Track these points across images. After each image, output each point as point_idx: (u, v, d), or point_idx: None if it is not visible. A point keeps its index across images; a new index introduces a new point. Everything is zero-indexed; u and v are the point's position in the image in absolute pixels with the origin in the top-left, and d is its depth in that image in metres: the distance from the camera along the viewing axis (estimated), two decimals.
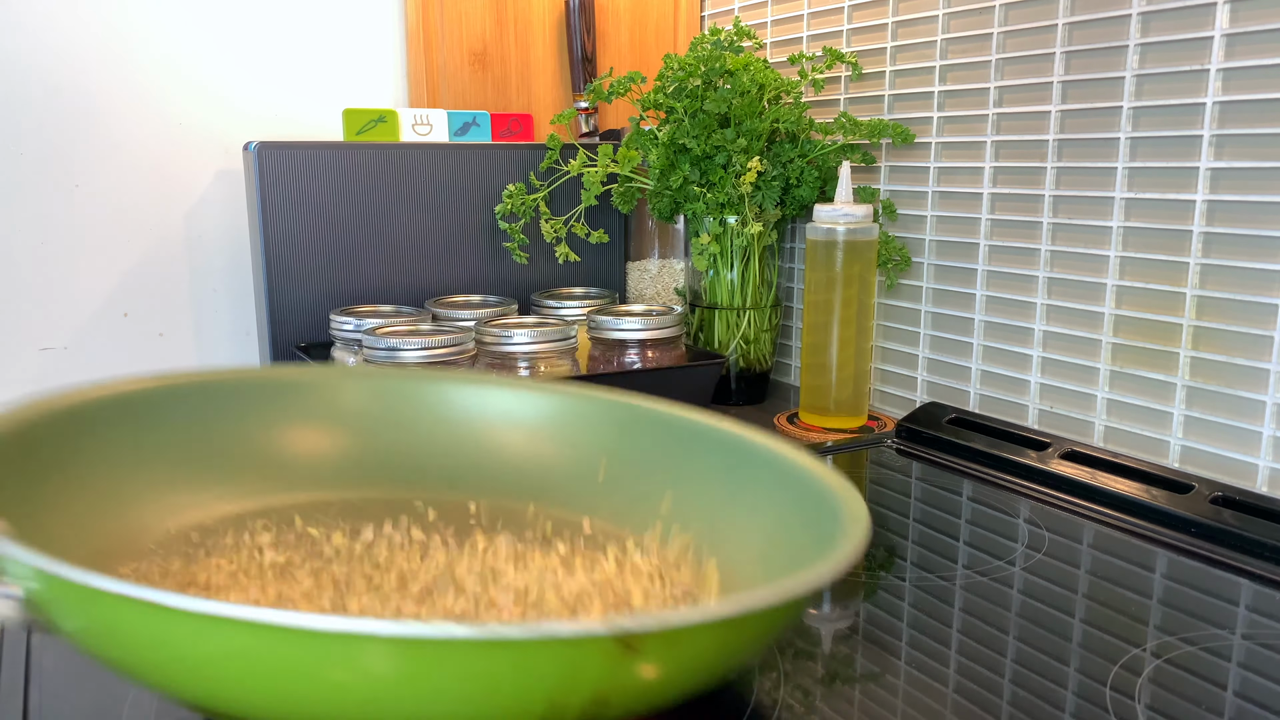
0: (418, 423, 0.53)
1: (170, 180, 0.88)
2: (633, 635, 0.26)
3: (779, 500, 0.43)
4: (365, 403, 0.53)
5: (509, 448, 0.53)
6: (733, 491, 0.46)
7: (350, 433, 0.52)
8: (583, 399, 0.53)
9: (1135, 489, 0.60)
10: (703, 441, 0.49)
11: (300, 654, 0.26)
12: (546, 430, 0.53)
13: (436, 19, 0.95)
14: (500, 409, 0.54)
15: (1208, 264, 0.61)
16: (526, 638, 0.25)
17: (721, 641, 0.30)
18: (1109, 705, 0.39)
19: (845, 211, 0.74)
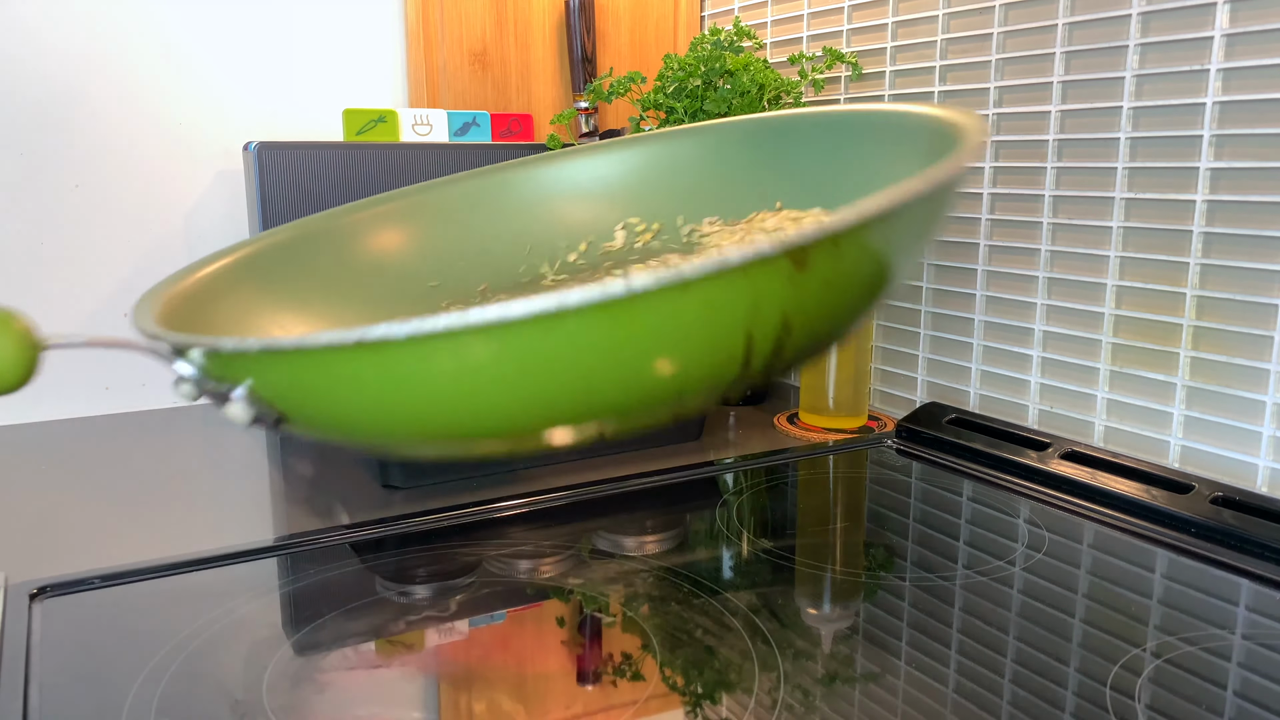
0: (520, 209, 0.57)
1: (170, 180, 0.88)
2: (799, 248, 0.27)
3: (894, 152, 0.44)
4: (458, 202, 0.57)
5: (603, 203, 0.56)
6: (844, 166, 0.48)
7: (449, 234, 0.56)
8: (661, 140, 0.56)
9: (1135, 489, 0.60)
10: (797, 134, 0.51)
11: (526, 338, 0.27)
12: (637, 178, 0.57)
13: (436, 19, 0.95)
14: (584, 177, 0.57)
15: (1208, 264, 0.61)
16: (701, 273, 0.26)
17: (883, 239, 0.31)
18: (1109, 705, 0.39)
19: None
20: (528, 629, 0.47)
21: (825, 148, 0.49)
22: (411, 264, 0.54)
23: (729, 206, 0.53)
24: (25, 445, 0.77)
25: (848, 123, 0.48)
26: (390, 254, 0.54)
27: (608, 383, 0.28)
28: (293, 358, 0.29)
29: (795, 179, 0.50)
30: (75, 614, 0.47)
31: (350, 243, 0.53)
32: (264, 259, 0.49)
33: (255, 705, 0.39)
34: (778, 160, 0.52)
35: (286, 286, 0.48)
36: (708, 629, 0.46)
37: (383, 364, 0.28)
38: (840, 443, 0.75)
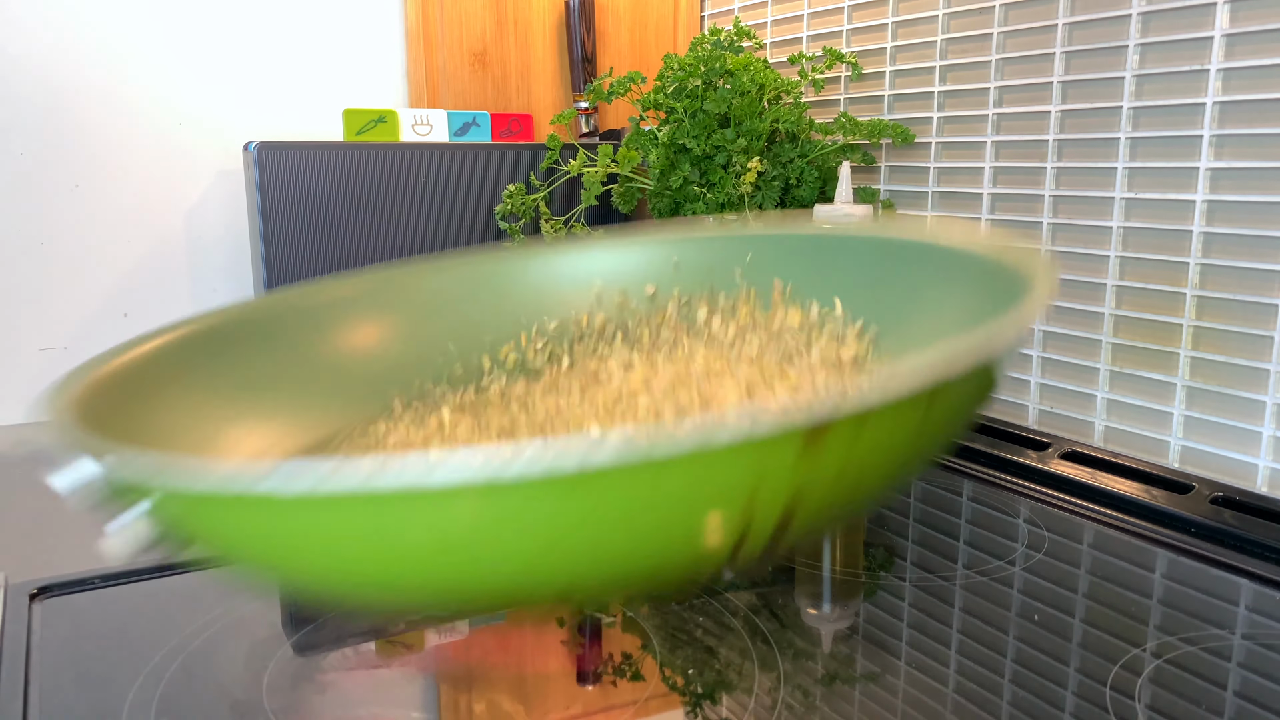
0: (510, 294, 0.51)
1: (170, 180, 0.88)
2: (815, 426, 0.22)
3: (946, 288, 0.39)
4: (448, 290, 0.51)
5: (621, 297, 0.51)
6: (902, 292, 0.42)
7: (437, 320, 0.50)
8: (695, 243, 0.50)
9: (1135, 489, 0.60)
10: (851, 253, 0.45)
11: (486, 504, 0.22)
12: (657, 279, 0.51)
13: (436, 19, 0.95)
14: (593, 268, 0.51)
15: (1208, 264, 0.61)
16: (703, 445, 0.21)
17: (913, 420, 0.25)
18: (1109, 705, 0.39)
19: (845, 212, 0.74)
20: (528, 629, 0.47)
21: (876, 269, 0.43)
22: (374, 354, 0.49)
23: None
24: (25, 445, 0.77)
25: (906, 251, 0.42)
26: (353, 344, 0.49)
27: (554, 563, 0.23)
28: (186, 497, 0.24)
29: (852, 293, 0.44)
30: (75, 614, 0.47)
31: (308, 327, 0.48)
32: (210, 339, 0.44)
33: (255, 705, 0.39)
34: (821, 272, 0.45)
35: (233, 373, 0.43)
36: (708, 629, 0.46)
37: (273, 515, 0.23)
38: None
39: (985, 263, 0.38)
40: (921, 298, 0.41)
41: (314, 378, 0.46)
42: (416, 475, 0.21)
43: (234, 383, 0.43)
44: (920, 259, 0.42)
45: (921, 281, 0.41)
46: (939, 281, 0.40)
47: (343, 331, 0.49)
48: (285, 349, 0.46)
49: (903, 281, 0.42)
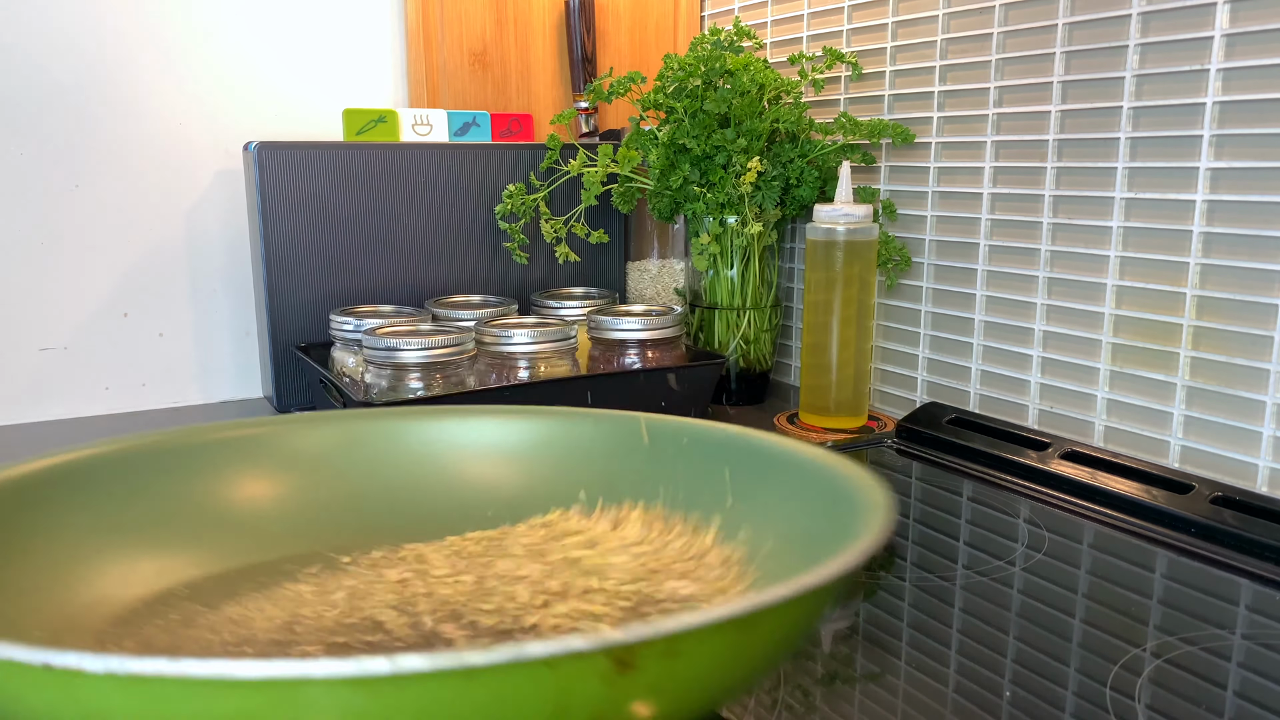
0: (384, 465, 0.50)
1: (170, 180, 0.88)
2: (624, 648, 0.23)
3: (790, 498, 0.41)
4: (324, 448, 0.50)
5: (486, 478, 0.50)
6: (747, 494, 0.44)
7: (307, 483, 0.49)
8: (565, 420, 0.51)
9: (1135, 489, 0.60)
10: (707, 448, 0.47)
11: (255, 706, 0.23)
12: (535, 455, 0.50)
13: (436, 19, 0.95)
14: (472, 440, 0.51)
15: (1208, 264, 0.61)
16: (500, 663, 0.22)
17: (731, 646, 0.26)
18: (1109, 705, 0.39)
19: (845, 211, 0.74)
20: None
21: (734, 469, 0.45)
22: (264, 510, 0.47)
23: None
24: (25, 445, 0.77)
25: (760, 453, 0.44)
26: (244, 496, 0.47)
27: None
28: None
29: (697, 489, 0.45)
30: None
31: (198, 471, 0.46)
32: (97, 468, 0.43)
33: None
34: (679, 468, 0.47)
35: (114, 507, 0.43)
36: None
37: (73, 694, 0.23)
38: (840, 443, 0.75)
39: (824, 477, 0.39)
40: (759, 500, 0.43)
41: (185, 522, 0.45)
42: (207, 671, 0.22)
43: (116, 516, 0.42)
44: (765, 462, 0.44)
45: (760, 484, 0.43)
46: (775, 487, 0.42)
47: (218, 482, 0.47)
48: (167, 489, 0.45)
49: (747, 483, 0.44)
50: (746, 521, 0.43)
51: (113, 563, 0.42)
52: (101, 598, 0.40)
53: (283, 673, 0.22)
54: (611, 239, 0.94)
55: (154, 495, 0.45)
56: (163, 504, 0.45)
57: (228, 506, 0.47)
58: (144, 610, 0.40)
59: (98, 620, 0.39)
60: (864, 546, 0.30)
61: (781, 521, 0.42)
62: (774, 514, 0.42)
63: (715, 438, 0.47)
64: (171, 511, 0.45)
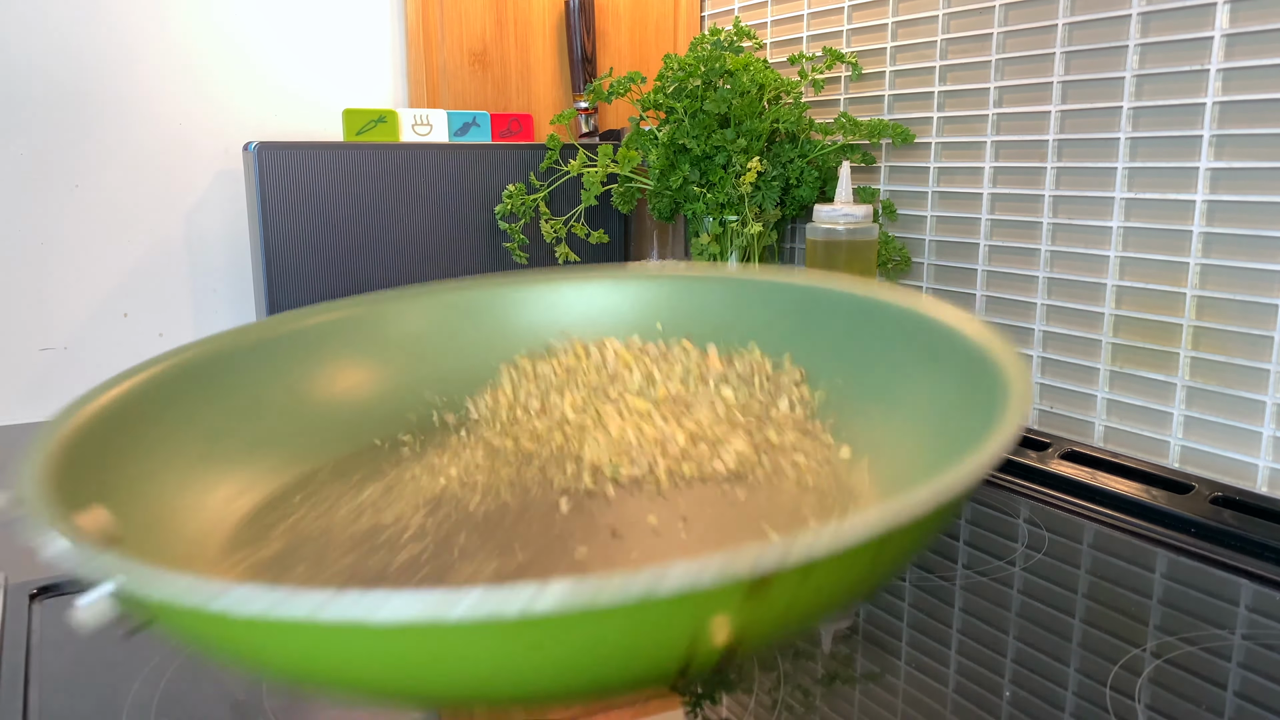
0: (482, 332, 0.50)
1: (170, 180, 0.88)
2: (759, 578, 0.23)
3: (924, 370, 0.40)
4: (427, 326, 0.50)
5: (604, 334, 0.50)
6: (868, 360, 0.43)
7: (412, 362, 0.49)
8: (680, 281, 0.50)
9: (1135, 489, 0.60)
10: (821, 306, 0.46)
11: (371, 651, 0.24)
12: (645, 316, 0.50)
13: (436, 19, 0.95)
14: (583, 304, 0.51)
15: (1208, 264, 0.61)
16: (645, 598, 0.22)
17: (864, 564, 0.26)
18: (1109, 705, 0.39)
19: (845, 212, 0.74)
20: None
21: (854, 330, 0.44)
22: (347, 398, 0.48)
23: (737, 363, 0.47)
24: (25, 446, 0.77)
25: (882, 312, 0.43)
26: (326, 386, 0.47)
27: (502, 689, 0.25)
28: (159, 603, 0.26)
29: (817, 354, 0.45)
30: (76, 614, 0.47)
31: (281, 365, 0.46)
32: (181, 378, 0.43)
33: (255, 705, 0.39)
34: (802, 325, 0.46)
35: (205, 415, 0.42)
36: None
37: (230, 631, 0.25)
38: None
39: (969, 351, 0.38)
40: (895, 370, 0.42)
41: (287, 418, 0.45)
42: (362, 612, 0.22)
43: (207, 423, 0.42)
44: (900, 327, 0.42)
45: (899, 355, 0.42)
46: (915, 358, 0.41)
47: (316, 372, 0.48)
48: (258, 387, 0.45)
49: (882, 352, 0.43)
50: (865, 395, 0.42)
51: (227, 470, 0.42)
52: (225, 507, 0.40)
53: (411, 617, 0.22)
54: (611, 239, 0.94)
55: (253, 394, 0.45)
56: (265, 401, 0.45)
57: (328, 396, 0.47)
58: (267, 514, 0.41)
59: (227, 531, 0.39)
60: (1004, 438, 0.28)
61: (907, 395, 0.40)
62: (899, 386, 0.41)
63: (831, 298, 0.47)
64: (274, 408, 0.45)
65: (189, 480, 0.39)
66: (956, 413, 0.36)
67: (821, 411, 0.44)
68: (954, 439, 0.35)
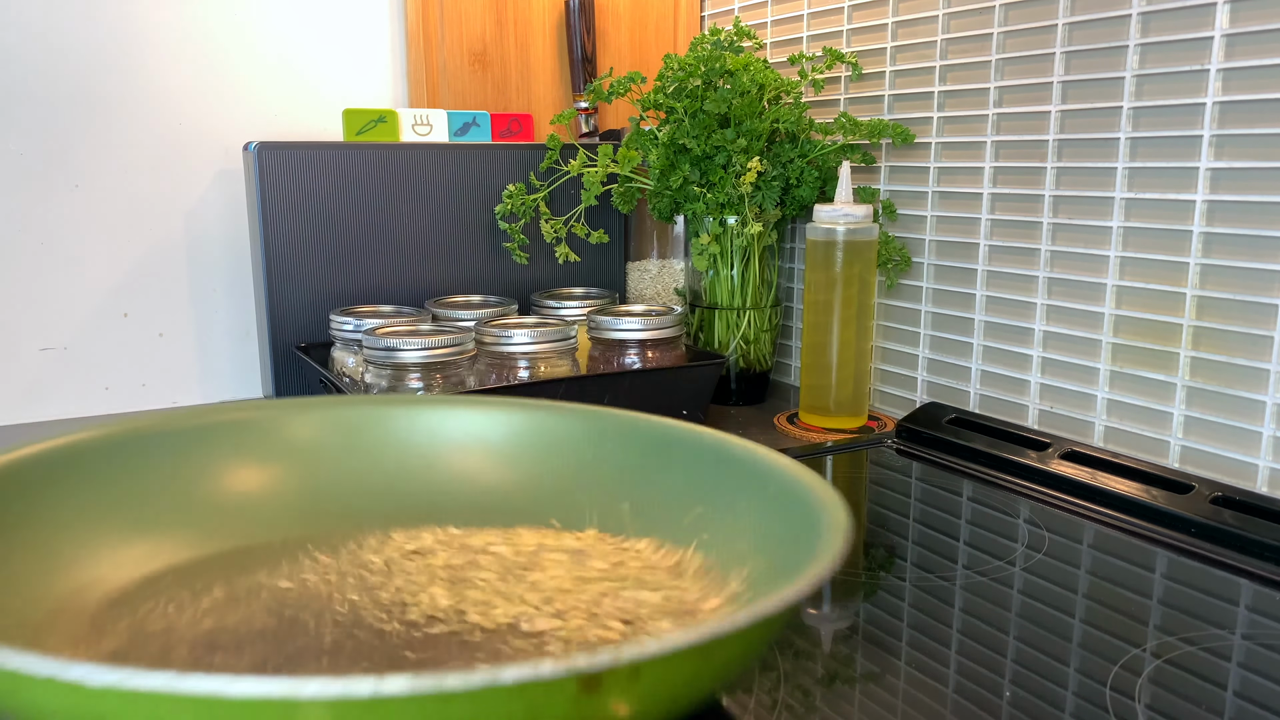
0: (370, 453, 0.51)
1: (170, 180, 0.88)
2: (592, 674, 0.25)
3: (759, 505, 0.43)
4: (314, 435, 0.51)
5: (468, 472, 0.51)
6: (713, 496, 0.45)
7: (299, 469, 0.50)
8: (543, 413, 0.52)
9: (1135, 489, 0.60)
10: (679, 448, 0.48)
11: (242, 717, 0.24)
12: (510, 450, 0.51)
13: (436, 19, 0.95)
14: (457, 431, 0.52)
15: (1208, 264, 0.61)
16: (476, 687, 0.24)
17: (690, 668, 0.28)
18: (1109, 705, 0.39)
19: (845, 212, 0.74)
20: None
21: (703, 471, 0.46)
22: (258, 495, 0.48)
23: (597, 501, 0.49)
24: None
25: (730, 456, 0.45)
26: (233, 481, 0.48)
27: None
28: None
29: (667, 491, 0.47)
30: None
31: (187, 455, 0.47)
32: (85, 453, 0.43)
33: None
34: (652, 468, 0.48)
35: (112, 492, 0.43)
36: None
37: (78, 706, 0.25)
38: (840, 443, 0.75)
39: (790, 488, 0.41)
40: (726, 505, 0.44)
41: (188, 507, 0.46)
42: (219, 686, 0.24)
43: (76, 506, 0.42)
44: (733, 465, 0.45)
45: (728, 487, 0.45)
46: (744, 492, 0.43)
47: (220, 467, 0.48)
48: (156, 473, 0.46)
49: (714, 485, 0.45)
50: (712, 530, 0.44)
51: (105, 546, 0.42)
52: (95, 580, 0.40)
53: (275, 692, 0.23)
54: (611, 239, 0.94)
55: (142, 479, 0.45)
56: (152, 487, 0.45)
57: (216, 490, 0.47)
58: (136, 593, 0.41)
59: (92, 604, 0.39)
60: (815, 575, 0.31)
61: (746, 531, 0.43)
62: (742, 523, 0.43)
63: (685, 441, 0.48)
64: (160, 495, 0.45)
65: (41, 567, 0.39)
66: (782, 539, 0.39)
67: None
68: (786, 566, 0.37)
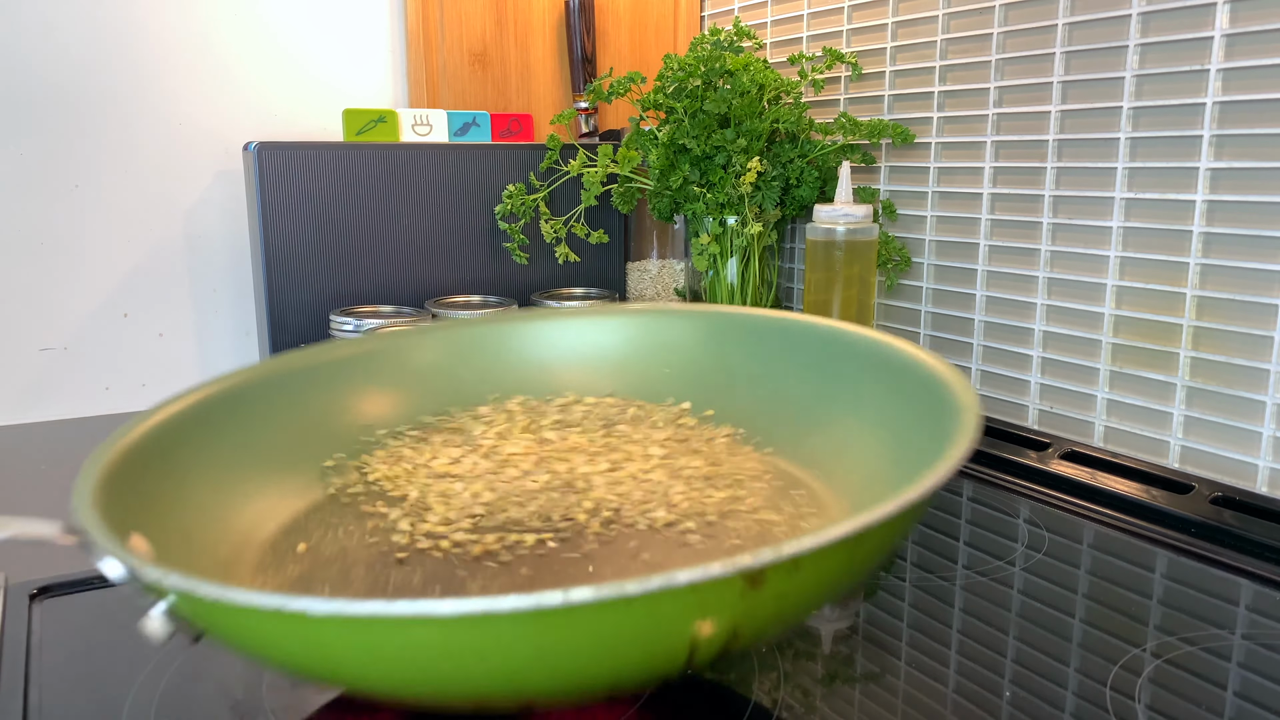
0: (488, 368, 0.56)
1: (170, 180, 0.88)
2: (756, 571, 0.27)
3: (882, 392, 0.45)
4: (435, 359, 0.55)
5: (595, 383, 0.56)
6: (832, 386, 0.49)
7: (431, 393, 0.54)
8: (658, 316, 0.56)
9: (1135, 489, 0.60)
10: (794, 339, 0.52)
11: (433, 643, 0.27)
12: (626, 351, 0.56)
13: (436, 19, 0.95)
14: (572, 339, 0.57)
15: (1208, 264, 0.61)
16: (653, 591, 0.26)
17: (843, 559, 0.30)
18: (1109, 705, 0.39)
19: (845, 212, 0.74)
20: None
21: (820, 359, 0.50)
22: (374, 417, 0.52)
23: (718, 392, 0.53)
24: (26, 445, 0.77)
25: (848, 343, 0.49)
26: (358, 407, 0.52)
27: (537, 678, 0.28)
28: (211, 605, 0.29)
29: (788, 381, 0.51)
30: (75, 614, 0.47)
31: (311, 392, 0.51)
32: (217, 406, 0.46)
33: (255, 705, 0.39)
34: (773, 358, 0.52)
35: (242, 440, 0.46)
36: None
37: (303, 633, 0.28)
38: None
39: (924, 384, 0.43)
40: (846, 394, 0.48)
41: (317, 439, 0.49)
42: (428, 609, 0.26)
43: (231, 452, 0.45)
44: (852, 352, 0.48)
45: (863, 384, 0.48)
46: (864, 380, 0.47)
47: (344, 397, 0.52)
48: (289, 413, 0.49)
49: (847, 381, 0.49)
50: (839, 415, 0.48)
51: (270, 481, 0.45)
52: (267, 511, 0.44)
53: (477, 609, 0.25)
54: (611, 239, 0.94)
55: (296, 413, 0.49)
56: (304, 420, 0.49)
57: (351, 419, 0.51)
58: (306, 521, 0.44)
59: (269, 535, 0.43)
60: (957, 456, 0.33)
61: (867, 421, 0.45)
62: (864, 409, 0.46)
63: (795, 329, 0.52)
64: (311, 427, 0.49)
65: (216, 507, 0.42)
66: (911, 431, 0.41)
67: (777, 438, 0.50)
68: (912, 454, 0.40)
